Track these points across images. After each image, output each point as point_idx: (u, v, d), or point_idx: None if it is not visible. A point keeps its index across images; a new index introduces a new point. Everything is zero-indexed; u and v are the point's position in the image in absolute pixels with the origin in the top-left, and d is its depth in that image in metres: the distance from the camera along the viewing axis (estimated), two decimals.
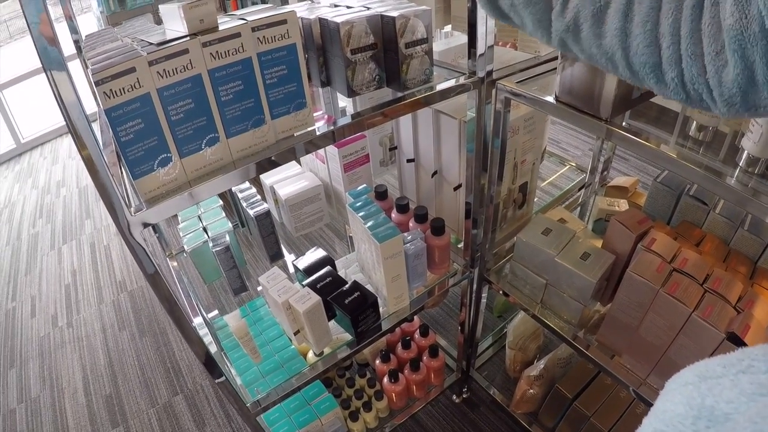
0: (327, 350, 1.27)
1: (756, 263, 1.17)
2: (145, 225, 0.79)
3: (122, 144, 0.74)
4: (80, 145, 0.68)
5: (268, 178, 1.43)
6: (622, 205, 1.46)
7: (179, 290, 1.41)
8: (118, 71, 0.70)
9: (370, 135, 1.43)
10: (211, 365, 1.04)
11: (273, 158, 0.89)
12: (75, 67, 0.85)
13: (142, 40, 0.81)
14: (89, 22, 1.77)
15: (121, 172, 0.82)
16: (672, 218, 1.35)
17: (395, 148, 1.49)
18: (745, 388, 0.30)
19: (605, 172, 1.79)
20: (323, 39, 1.02)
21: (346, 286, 1.21)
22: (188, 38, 0.76)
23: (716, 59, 0.45)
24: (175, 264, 1.52)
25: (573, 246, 1.25)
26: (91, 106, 0.75)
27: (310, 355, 1.41)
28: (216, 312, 1.50)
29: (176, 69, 0.76)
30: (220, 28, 0.78)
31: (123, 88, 0.72)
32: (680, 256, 1.10)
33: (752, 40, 0.41)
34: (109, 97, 0.71)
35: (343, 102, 1.12)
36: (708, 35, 0.46)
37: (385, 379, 1.68)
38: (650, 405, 1.17)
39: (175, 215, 1.51)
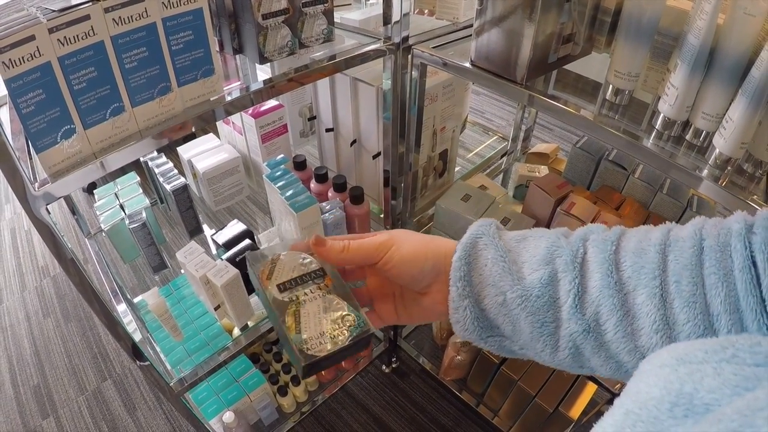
0: (250, 324, 1.26)
1: None
2: (50, 200, 0.75)
3: (23, 116, 0.70)
4: None
5: (186, 152, 1.39)
6: (543, 170, 1.49)
7: (99, 272, 1.37)
8: (16, 40, 0.66)
9: (289, 105, 1.41)
10: (135, 350, 1.01)
11: (181, 126, 0.86)
12: None
13: (46, 8, 0.77)
14: None
15: (28, 150, 0.78)
16: (592, 183, 1.37)
17: (314, 118, 1.47)
18: (728, 378, 0.27)
19: (527, 140, 1.82)
20: (234, 4, 0.99)
21: None
22: (90, 4, 0.72)
23: None
24: (96, 246, 1.48)
25: (493, 211, 1.26)
26: None
27: (236, 331, 1.39)
28: (141, 295, 1.46)
29: (77, 36, 0.72)
30: None
31: (22, 58, 0.67)
32: (599, 220, 1.12)
33: None
34: (8, 68, 0.66)
35: (264, 74, 1.09)
36: None
37: None
38: None
39: (93, 194, 1.47)
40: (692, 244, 0.43)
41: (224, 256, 1.20)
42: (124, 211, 1.35)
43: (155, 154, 1.41)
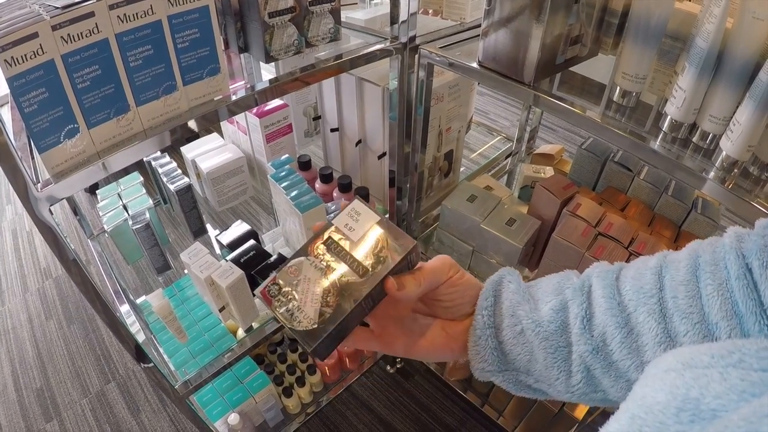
0: (255, 325, 1.25)
1: (680, 227, 1.20)
2: (53, 201, 0.75)
3: (26, 115, 0.69)
4: None
5: (189, 152, 1.39)
6: (548, 171, 1.48)
7: (102, 273, 1.36)
8: (19, 37, 0.65)
9: (294, 105, 1.40)
10: (139, 352, 1.00)
11: (186, 126, 0.85)
12: None
13: (49, 5, 0.76)
14: None
15: (30, 150, 0.78)
16: (597, 184, 1.37)
17: (319, 117, 1.47)
18: (735, 384, 0.27)
19: (532, 141, 1.82)
20: (240, 2, 0.99)
21: (271, 259, 1.19)
22: (94, 0, 0.71)
23: None
24: (99, 247, 1.47)
25: (499, 212, 1.26)
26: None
27: (240, 332, 1.39)
28: (144, 296, 1.46)
29: (81, 33, 0.71)
30: None
31: (25, 55, 0.66)
32: (605, 221, 1.12)
33: None
34: (11, 65, 0.65)
35: (269, 73, 1.09)
36: None
37: None
38: None
39: (95, 194, 1.46)
40: (687, 263, 0.46)
41: (229, 257, 1.20)
42: (127, 211, 1.35)
43: (159, 153, 1.41)
